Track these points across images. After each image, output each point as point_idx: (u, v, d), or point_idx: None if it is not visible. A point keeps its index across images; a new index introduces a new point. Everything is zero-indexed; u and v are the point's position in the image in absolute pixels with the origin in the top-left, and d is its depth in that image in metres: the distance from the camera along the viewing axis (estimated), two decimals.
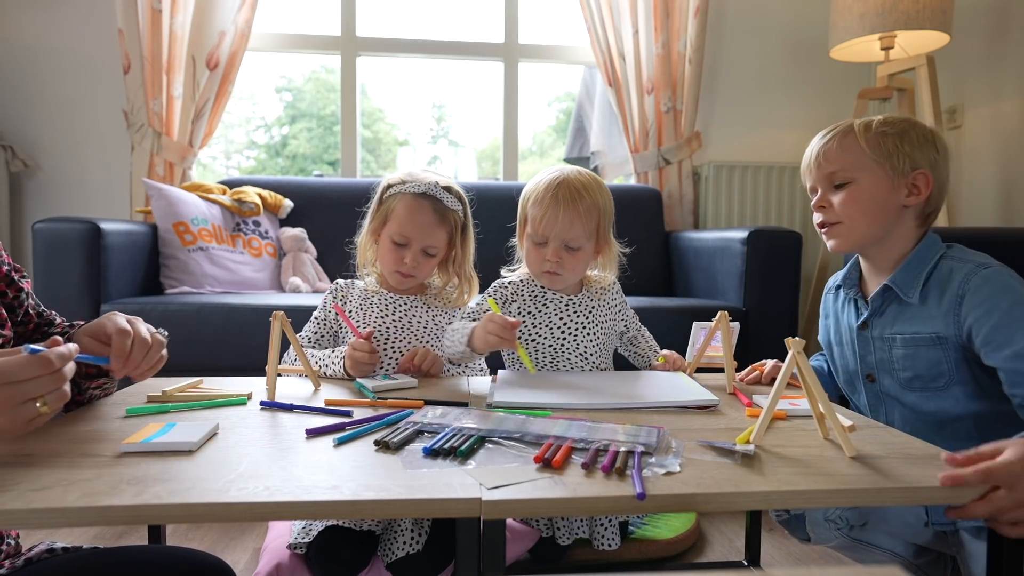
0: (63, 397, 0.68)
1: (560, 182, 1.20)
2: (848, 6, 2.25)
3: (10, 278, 0.91)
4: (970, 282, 0.97)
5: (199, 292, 2.06)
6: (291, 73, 3.81)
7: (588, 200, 1.20)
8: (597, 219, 1.22)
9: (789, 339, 0.79)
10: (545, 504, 0.62)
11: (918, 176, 1.04)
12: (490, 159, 3.61)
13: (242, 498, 0.60)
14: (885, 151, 1.03)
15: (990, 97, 2.39)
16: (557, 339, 1.26)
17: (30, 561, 0.82)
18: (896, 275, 1.05)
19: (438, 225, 1.27)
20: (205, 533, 1.49)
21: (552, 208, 1.18)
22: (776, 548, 1.45)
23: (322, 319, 1.32)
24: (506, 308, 1.27)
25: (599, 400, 0.98)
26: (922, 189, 1.04)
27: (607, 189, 1.27)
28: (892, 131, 1.04)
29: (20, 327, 0.93)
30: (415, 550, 1.13)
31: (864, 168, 1.05)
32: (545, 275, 1.24)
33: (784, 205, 2.75)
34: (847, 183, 1.06)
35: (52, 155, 2.55)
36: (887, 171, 1.04)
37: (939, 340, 1.00)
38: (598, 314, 1.29)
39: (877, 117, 1.08)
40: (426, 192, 1.26)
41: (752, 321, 1.91)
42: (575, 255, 1.22)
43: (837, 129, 1.09)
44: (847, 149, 1.06)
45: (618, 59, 2.63)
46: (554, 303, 1.27)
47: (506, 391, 1.03)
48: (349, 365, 1.12)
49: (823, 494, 0.65)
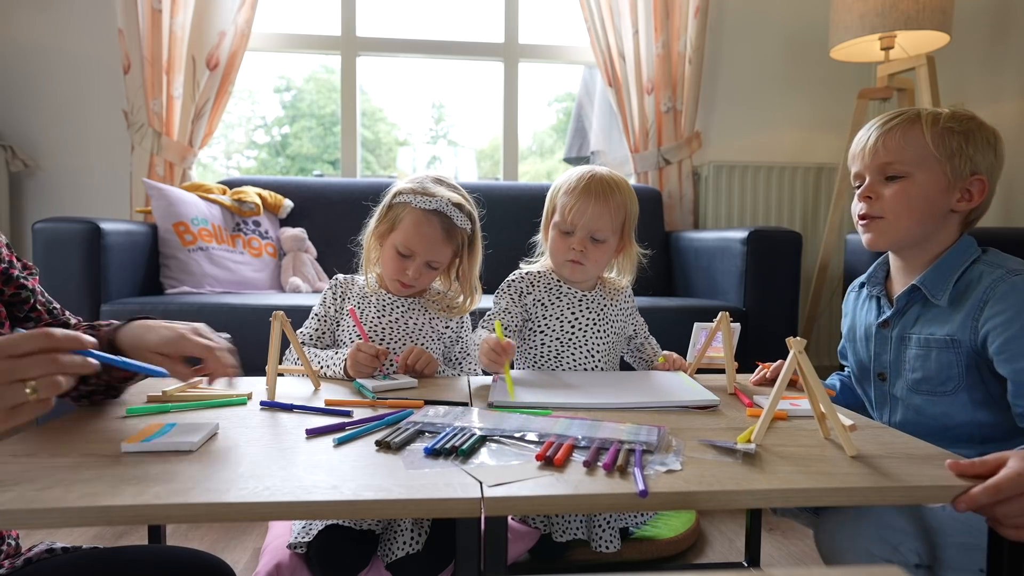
0: (55, 387, 0.60)
1: (593, 175, 1.25)
2: (848, 6, 2.25)
3: (8, 275, 0.89)
4: (997, 288, 0.93)
5: (199, 292, 2.06)
6: (291, 73, 3.81)
7: (618, 196, 1.25)
8: (624, 217, 1.27)
9: (790, 339, 0.79)
10: (547, 501, 0.62)
11: (974, 182, 0.99)
12: (490, 159, 3.61)
13: (242, 498, 0.60)
14: (948, 150, 0.97)
15: (990, 97, 2.39)
16: (567, 333, 1.27)
17: (30, 561, 0.82)
18: (926, 276, 1.00)
19: (445, 242, 1.26)
20: (205, 533, 1.49)
21: (583, 198, 1.22)
22: (776, 548, 1.45)
23: (323, 315, 1.32)
24: (521, 300, 1.29)
25: (600, 400, 0.98)
26: (975, 196, 0.99)
27: (635, 194, 1.31)
28: (959, 128, 0.98)
29: (29, 323, 0.92)
30: (415, 550, 1.13)
31: (923, 164, 0.98)
32: (568, 264, 1.26)
33: (784, 205, 2.75)
34: (901, 177, 1.00)
35: (52, 155, 2.55)
36: (946, 171, 0.98)
37: (952, 343, 0.96)
38: (609, 313, 1.31)
39: (944, 110, 1.01)
40: (437, 209, 1.25)
41: (752, 321, 1.91)
42: (599, 247, 1.25)
43: (902, 116, 1.01)
44: (910, 141, 0.99)
45: (618, 59, 2.63)
46: (568, 297, 1.29)
47: (507, 391, 1.03)
48: (350, 365, 1.12)
49: (824, 492, 0.65)
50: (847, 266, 2.14)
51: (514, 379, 1.13)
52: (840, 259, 2.52)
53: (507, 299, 1.28)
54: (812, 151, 2.83)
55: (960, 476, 0.68)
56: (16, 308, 0.91)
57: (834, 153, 2.77)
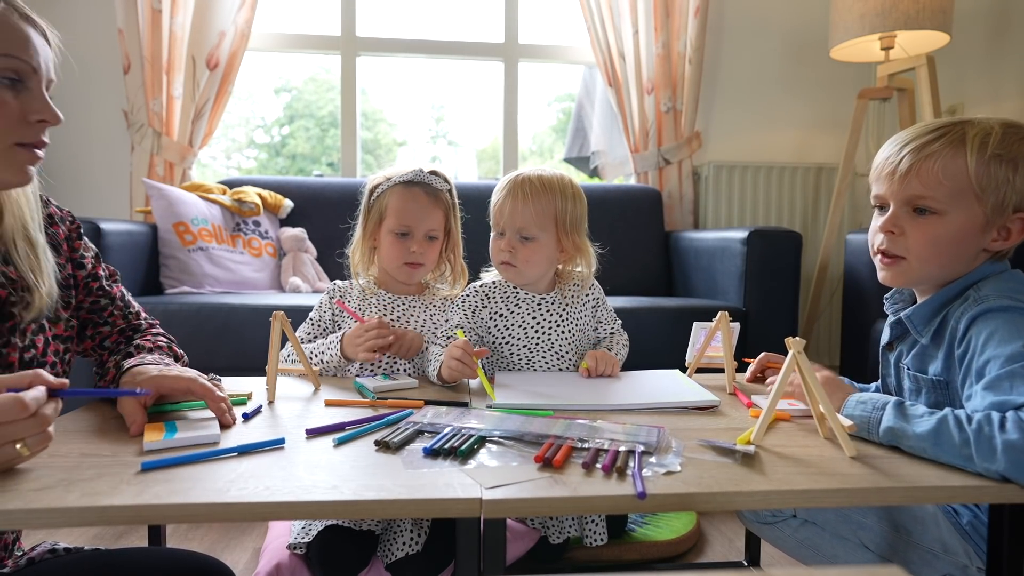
0: (45, 440, 0.65)
1: (519, 175, 1.25)
2: (848, 6, 2.25)
3: (89, 287, 0.95)
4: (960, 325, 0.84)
5: (199, 292, 2.06)
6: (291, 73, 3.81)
7: (544, 195, 1.23)
8: (553, 213, 1.24)
9: (790, 339, 0.79)
10: (546, 503, 0.62)
11: (1016, 220, 0.86)
12: (490, 159, 3.61)
13: (242, 498, 0.60)
14: (994, 183, 0.84)
15: (990, 97, 2.39)
16: (531, 339, 1.26)
17: (32, 561, 0.82)
18: (915, 310, 0.92)
19: (434, 207, 1.29)
20: (205, 533, 1.49)
21: (509, 198, 1.23)
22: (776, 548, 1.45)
23: (317, 320, 1.32)
24: (476, 315, 1.27)
25: (599, 401, 0.98)
26: (1014, 234, 0.86)
27: (578, 192, 1.27)
28: (1008, 155, 0.84)
29: (106, 327, 0.97)
30: (415, 551, 1.13)
31: (960, 201, 0.85)
32: (502, 266, 1.26)
33: (784, 205, 2.75)
34: (932, 212, 0.87)
35: (52, 155, 2.53)
36: (986, 209, 0.85)
37: (942, 385, 0.88)
38: (572, 312, 1.29)
39: (995, 126, 0.86)
40: (414, 179, 1.29)
41: (752, 321, 1.91)
42: (529, 246, 1.23)
43: (945, 139, 0.86)
44: (950, 174, 0.85)
45: (618, 59, 2.63)
46: (526, 303, 1.28)
47: (506, 391, 1.03)
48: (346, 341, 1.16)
49: (823, 493, 0.65)
50: (847, 266, 2.14)
51: (514, 380, 1.13)
52: (840, 259, 2.52)
53: (460, 315, 1.26)
54: (812, 151, 2.83)
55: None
56: (96, 315, 0.96)
57: (834, 153, 2.77)
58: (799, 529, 0.97)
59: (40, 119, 0.76)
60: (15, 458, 0.64)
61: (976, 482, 0.67)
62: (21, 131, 0.75)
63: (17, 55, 0.74)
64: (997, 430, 0.68)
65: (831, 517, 0.94)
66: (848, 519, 0.93)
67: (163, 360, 0.93)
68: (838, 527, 0.93)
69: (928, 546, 0.87)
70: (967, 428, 0.70)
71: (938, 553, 0.87)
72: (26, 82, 0.75)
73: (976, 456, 0.69)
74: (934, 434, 0.72)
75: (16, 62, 0.74)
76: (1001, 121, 0.87)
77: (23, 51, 0.74)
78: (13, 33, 0.74)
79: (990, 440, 0.68)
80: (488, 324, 1.27)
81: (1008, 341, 0.76)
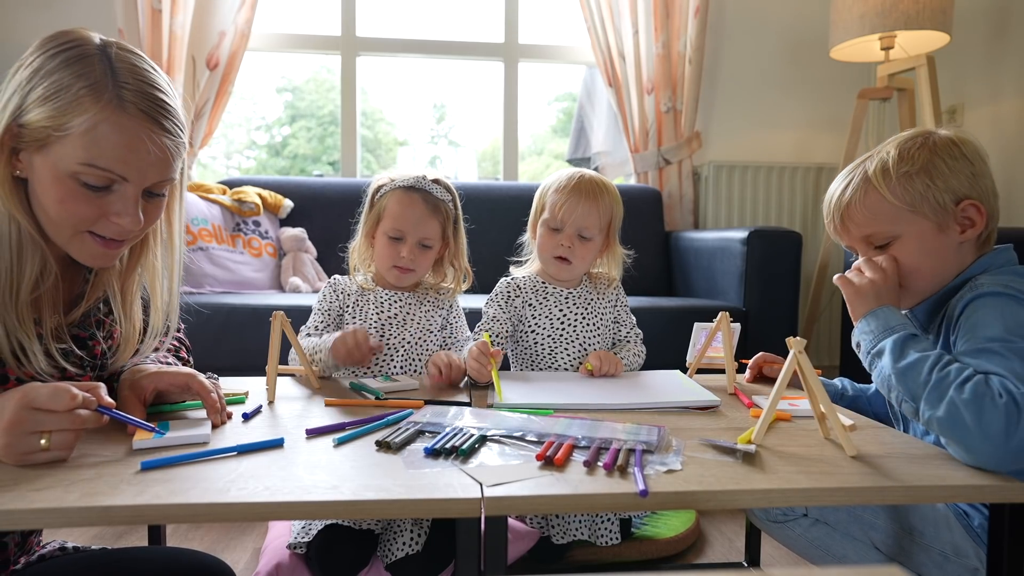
0: (68, 445, 0.66)
1: (583, 175, 1.31)
2: (848, 6, 2.25)
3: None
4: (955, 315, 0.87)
5: (199, 292, 2.06)
6: (291, 73, 3.81)
7: (607, 197, 1.30)
8: (610, 217, 1.32)
9: (790, 339, 0.79)
10: (547, 501, 0.62)
11: (967, 207, 0.89)
12: (490, 159, 3.61)
13: (242, 498, 0.60)
14: (918, 196, 0.89)
15: (990, 97, 2.39)
16: (557, 330, 1.30)
17: (43, 558, 0.84)
18: (919, 308, 0.95)
19: (430, 216, 1.28)
20: (205, 533, 1.49)
21: (573, 196, 1.27)
22: (776, 548, 1.45)
23: (326, 309, 1.31)
24: (509, 305, 1.32)
25: (600, 400, 0.98)
26: (976, 219, 0.90)
27: (620, 197, 1.35)
28: (914, 168, 0.89)
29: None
30: (415, 550, 1.12)
31: (901, 221, 0.90)
32: (555, 260, 1.30)
33: (784, 205, 2.75)
34: (890, 242, 0.92)
35: None
36: (928, 216, 0.89)
37: None
38: (597, 307, 1.35)
39: (891, 152, 0.92)
40: (415, 185, 1.28)
41: (752, 321, 1.91)
42: (586, 245, 1.29)
43: (852, 183, 0.94)
44: (873, 208, 0.92)
45: (618, 59, 2.63)
46: (554, 296, 1.33)
47: (508, 391, 1.03)
48: (338, 344, 1.13)
49: (824, 492, 0.65)
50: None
51: (515, 379, 1.13)
52: (840, 259, 2.52)
53: (495, 307, 1.32)
54: (812, 151, 2.83)
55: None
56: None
57: (834, 153, 2.77)
58: (810, 529, 0.97)
59: (117, 220, 0.75)
60: (35, 450, 0.64)
61: (976, 481, 0.67)
62: (95, 224, 0.75)
63: (110, 169, 0.72)
64: (955, 384, 0.72)
65: (843, 517, 0.94)
66: (859, 519, 0.92)
67: (167, 359, 0.94)
68: (849, 527, 0.93)
69: (939, 548, 0.87)
70: (935, 373, 0.74)
71: (949, 555, 0.87)
72: (112, 187, 0.74)
73: (925, 398, 0.73)
74: (909, 366, 0.77)
75: (105, 176, 0.72)
76: (895, 140, 0.94)
77: (117, 164, 0.72)
78: (110, 141, 0.72)
79: (944, 390, 0.72)
80: (521, 313, 1.32)
81: (993, 322, 0.80)
